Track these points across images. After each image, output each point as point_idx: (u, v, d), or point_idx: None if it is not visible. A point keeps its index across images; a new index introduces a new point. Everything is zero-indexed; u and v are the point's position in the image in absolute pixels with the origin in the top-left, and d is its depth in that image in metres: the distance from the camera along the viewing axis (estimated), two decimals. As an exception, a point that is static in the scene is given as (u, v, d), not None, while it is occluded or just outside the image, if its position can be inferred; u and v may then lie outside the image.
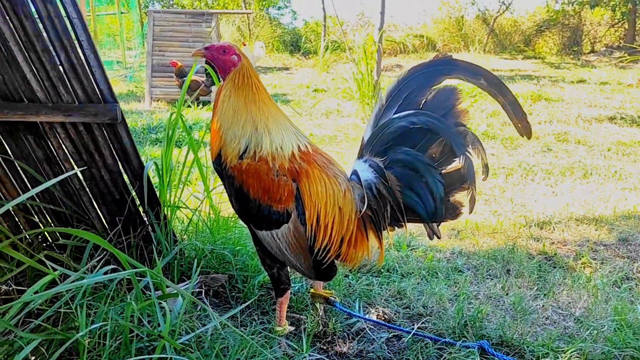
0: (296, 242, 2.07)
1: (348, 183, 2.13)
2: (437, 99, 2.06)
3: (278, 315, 2.25)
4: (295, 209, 2.04)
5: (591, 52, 16.77)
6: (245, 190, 2.03)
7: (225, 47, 2.09)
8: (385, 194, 2.08)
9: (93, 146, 2.48)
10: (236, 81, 2.05)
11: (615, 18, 17.11)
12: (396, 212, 2.11)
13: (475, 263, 3.18)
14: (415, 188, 2.07)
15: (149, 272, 1.78)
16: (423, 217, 2.09)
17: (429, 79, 2.05)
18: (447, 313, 2.49)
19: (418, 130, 2.03)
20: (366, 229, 2.15)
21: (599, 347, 2.16)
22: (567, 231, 3.80)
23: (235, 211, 2.19)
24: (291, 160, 2.06)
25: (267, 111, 2.08)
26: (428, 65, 2.07)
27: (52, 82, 2.29)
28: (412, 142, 2.06)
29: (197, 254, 2.67)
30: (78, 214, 2.66)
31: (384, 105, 2.12)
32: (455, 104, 2.05)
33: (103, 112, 2.34)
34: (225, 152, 2.06)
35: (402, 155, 2.07)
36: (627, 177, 5.37)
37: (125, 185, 2.62)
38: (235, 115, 2.04)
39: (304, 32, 19.66)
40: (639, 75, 12.38)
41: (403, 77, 2.09)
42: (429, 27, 18.48)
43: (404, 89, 2.08)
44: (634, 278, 3.06)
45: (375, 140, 2.11)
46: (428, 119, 2.02)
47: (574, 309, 2.59)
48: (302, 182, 2.05)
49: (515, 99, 2.01)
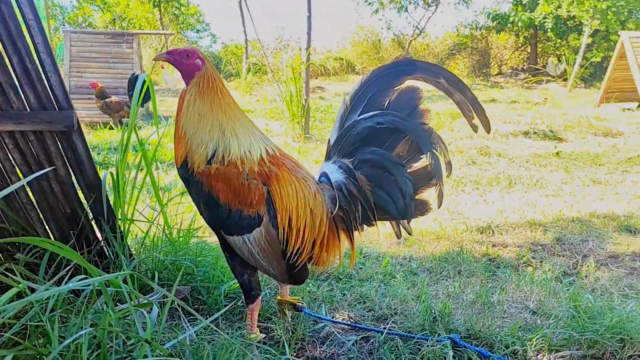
0: (268, 246, 2.05)
1: (317, 185, 2.15)
2: (401, 99, 2.10)
3: (249, 322, 2.20)
4: (266, 212, 2.02)
5: (499, 74, 17.89)
6: (215, 195, 2.00)
7: (188, 51, 2.06)
8: (356, 193, 2.11)
9: (44, 156, 2.35)
10: (201, 85, 2.02)
11: (519, 42, 18.36)
12: (367, 212, 2.14)
13: (428, 266, 3.27)
14: (385, 187, 2.11)
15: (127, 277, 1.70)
16: (394, 214, 2.14)
17: (391, 80, 2.09)
18: (413, 312, 2.54)
19: (384, 129, 2.07)
20: (338, 230, 2.17)
21: (560, 334, 2.29)
22: (505, 234, 4.00)
23: (203, 218, 2.14)
24: (260, 163, 2.05)
25: (233, 115, 2.06)
26: (389, 66, 2.11)
27: (1, 88, 2.16)
28: (379, 142, 2.10)
29: (156, 267, 2.57)
30: (25, 229, 2.50)
31: (349, 108, 2.14)
32: (418, 104, 2.10)
33: (58, 119, 2.23)
34: (192, 157, 2.02)
35: (370, 155, 2.10)
36: (548, 185, 5.74)
37: (77, 199, 2.49)
38: (201, 119, 2.01)
39: (224, 55, 19.60)
40: (543, 94, 13.33)
41: (366, 79, 2.13)
42: (348, 51, 18.99)
43: (367, 91, 2.11)
44: (572, 273, 3.26)
45: (342, 141, 2.13)
46: (394, 119, 2.06)
47: (527, 302, 2.72)
48: (273, 185, 2.04)
49: (475, 96, 2.09)
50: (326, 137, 8.33)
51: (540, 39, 17.57)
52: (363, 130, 2.09)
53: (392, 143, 2.11)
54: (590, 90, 14.41)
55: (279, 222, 2.04)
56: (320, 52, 18.68)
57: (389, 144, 2.11)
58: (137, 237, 2.90)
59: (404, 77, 2.09)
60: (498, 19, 16.81)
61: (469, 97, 2.08)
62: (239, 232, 2.02)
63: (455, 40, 19.04)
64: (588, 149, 7.67)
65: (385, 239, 3.79)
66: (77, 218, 2.52)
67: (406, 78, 2.10)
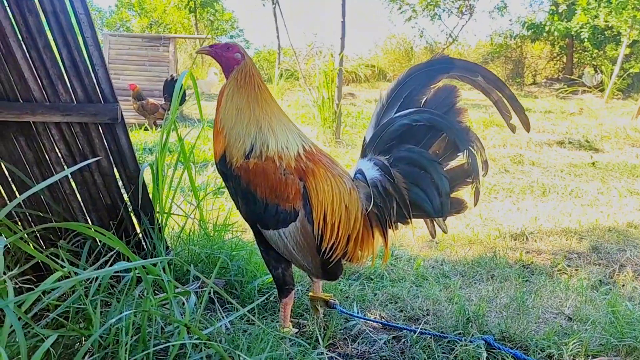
0: (304, 240, 2.07)
1: (352, 182, 2.16)
2: (438, 97, 2.11)
3: (282, 316, 2.22)
4: (302, 207, 2.04)
5: (533, 84, 17.64)
6: (253, 189, 2.03)
7: (229, 45, 2.11)
8: (391, 191, 2.12)
9: (88, 148, 2.41)
10: (239, 80, 2.06)
11: (555, 52, 18.09)
12: (402, 209, 2.14)
13: (461, 269, 3.25)
14: (421, 184, 2.11)
15: (165, 267, 1.74)
16: (430, 212, 2.14)
17: (428, 78, 2.10)
18: (445, 313, 2.53)
19: (421, 127, 2.08)
20: (372, 227, 2.18)
21: (597, 339, 2.25)
22: (539, 242, 3.94)
23: (240, 212, 2.17)
24: (297, 159, 2.07)
25: (270, 111, 2.09)
26: (427, 64, 2.12)
27: (50, 81, 2.24)
28: (415, 140, 2.11)
29: (192, 259, 2.62)
30: (66, 220, 2.57)
31: (385, 105, 2.15)
32: (455, 102, 2.11)
33: (103, 111, 2.29)
34: (230, 152, 2.06)
35: (406, 153, 2.11)
36: (584, 195, 5.64)
37: (118, 190, 2.55)
38: (239, 114, 2.05)
39: (257, 61, 19.79)
40: (579, 104, 13.10)
41: (403, 76, 2.13)
42: (380, 58, 18.98)
43: (404, 89, 2.12)
44: (609, 282, 3.20)
45: (378, 139, 2.15)
46: (431, 116, 2.07)
47: (563, 308, 2.68)
48: (309, 180, 2.06)
49: (513, 94, 2.07)
50: (357, 143, 8.35)
51: (577, 49, 17.28)
52: (399, 128, 2.10)
53: (428, 141, 2.12)
54: (628, 102, 14.08)
55: (315, 218, 2.06)
56: (352, 59, 18.69)
57: (425, 142, 2.12)
58: (173, 230, 2.95)
59: (441, 75, 2.09)
60: (533, 28, 16.58)
61: (507, 94, 2.07)
62: (275, 226, 2.05)
63: (489, 49, 18.87)
64: (625, 160, 7.51)
65: (417, 241, 3.78)
66: (117, 209, 2.58)
67: (443, 76, 2.10)
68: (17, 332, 1.28)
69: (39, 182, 2.50)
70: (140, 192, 2.48)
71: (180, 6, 19.31)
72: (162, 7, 19.76)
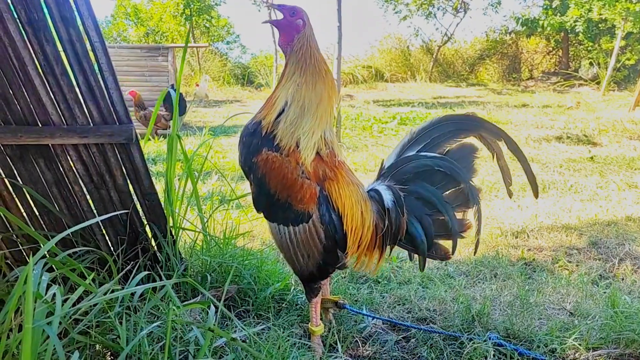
0: (310, 241, 2.11)
1: (365, 193, 2.26)
2: (461, 152, 2.23)
3: (313, 315, 2.29)
4: (317, 210, 2.09)
5: (530, 79, 17.74)
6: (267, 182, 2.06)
7: (295, 9, 2.08)
8: (394, 217, 2.21)
9: (104, 167, 2.52)
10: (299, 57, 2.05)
11: (550, 46, 18.20)
12: (397, 236, 2.24)
13: (465, 269, 3.36)
14: (423, 222, 2.23)
15: (188, 280, 1.85)
16: (418, 248, 2.25)
17: (458, 130, 2.22)
18: (452, 313, 2.64)
19: (440, 173, 2.20)
20: (376, 240, 2.27)
21: (597, 333, 2.36)
22: (540, 239, 4.05)
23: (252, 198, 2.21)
24: (321, 162, 2.11)
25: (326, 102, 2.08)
26: (462, 117, 2.26)
27: (68, 105, 2.34)
28: (431, 181, 2.23)
29: (206, 269, 2.73)
30: (83, 237, 2.68)
31: (413, 139, 2.27)
32: (473, 161, 2.24)
33: (119, 132, 2.40)
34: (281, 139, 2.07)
35: (421, 190, 2.22)
36: (583, 190, 5.75)
37: (133, 206, 2.66)
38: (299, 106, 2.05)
39: (254, 66, 19.90)
40: (576, 98, 13.20)
41: (437, 120, 2.25)
42: (376, 58, 19.07)
43: (434, 131, 2.24)
44: (609, 276, 3.31)
45: (397, 168, 2.25)
46: (452, 167, 2.19)
47: (564, 304, 2.79)
48: (332, 184, 2.12)
49: (529, 167, 2.20)
50: (358, 146, 8.46)
51: (572, 43, 17.40)
52: (421, 166, 2.21)
53: (442, 187, 2.23)
54: (624, 94, 14.19)
55: (345, 221, 2.12)
56: (349, 60, 18.79)
57: (439, 187, 2.23)
58: (185, 243, 3.06)
59: (470, 132, 2.22)
60: (528, 23, 16.70)
61: (524, 165, 2.20)
62: (283, 222, 2.12)
63: (485, 46, 18.98)
64: (623, 153, 7.61)
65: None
66: (133, 224, 2.69)
67: (472, 134, 2.22)
68: (55, 345, 1.39)
69: (57, 201, 2.61)
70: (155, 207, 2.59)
71: (176, 14, 19.42)
72: (158, 15, 19.87)
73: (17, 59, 2.22)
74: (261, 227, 4.00)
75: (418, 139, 2.24)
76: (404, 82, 18.09)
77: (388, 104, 14.24)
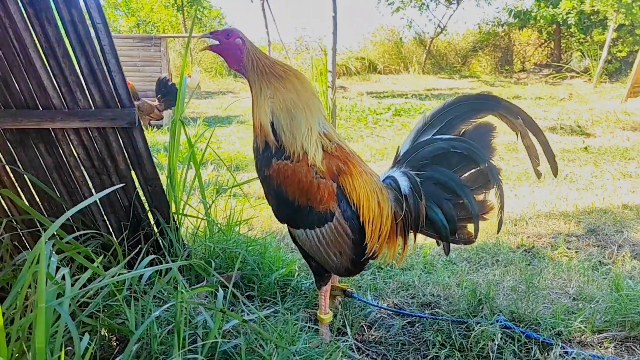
0: (338, 238, 2.09)
1: (381, 182, 2.22)
2: (477, 131, 2.17)
3: (322, 303, 2.27)
4: (337, 207, 2.07)
5: (522, 71, 17.79)
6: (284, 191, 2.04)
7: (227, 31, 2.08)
8: (413, 205, 2.18)
9: (106, 152, 2.49)
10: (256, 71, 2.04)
11: (542, 38, 18.25)
12: (418, 223, 2.21)
13: (466, 256, 3.36)
14: (443, 207, 2.18)
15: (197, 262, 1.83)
16: (441, 234, 2.21)
17: (473, 111, 2.16)
18: (457, 297, 2.64)
19: (457, 154, 2.14)
20: (397, 227, 2.25)
21: (602, 316, 2.37)
22: (539, 226, 4.06)
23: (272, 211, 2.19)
24: (330, 157, 2.08)
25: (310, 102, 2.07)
26: (475, 97, 2.19)
27: (69, 88, 2.31)
28: (448, 165, 2.17)
29: (209, 255, 2.70)
30: (84, 224, 2.65)
31: (427, 124, 2.22)
32: (491, 140, 2.18)
33: (121, 116, 2.37)
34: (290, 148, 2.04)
35: (438, 175, 2.17)
36: (578, 179, 5.78)
37: (135, 191, 2.63)
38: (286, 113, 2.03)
39: (247, 57, 19.74)
40: (568, 90, 13.26)
41: (450, 101, 2.19)
42: (370, 50, 19.04)
43: (449, 113, 2.18)
44: (608, 263, 3.32)
45: (413, 154, 2.21)
46: (469, 147, 2.13)
47: (567, 288, 2.80)
48: (345, 179, 2.09)
49: (546, 140, 2.12)
50: (353, 137, 8.44)
51: (564, 35, 17.45)
52: (436, 150, 2.16)
53: (460, 169, 2.18)
54: (616, 85, 14.26)
55: (360, 214, 2.09)
56: (342, 52, 18.74)
57: (456, 169, 2.18)
58: (187, 229, 3.03)
59: (487, 111, 2.15)
60: (520, 15, 16.73)
61: (541, 139, 2.13)
62: (309, 226, 2.08)
63: (478, 37, 18.99)
64: (616, 143, 7.65)
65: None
66: (135, 210, 2.66)
67: (488, 113, 2.16)
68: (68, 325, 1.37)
69: (58, 186, 2.58)
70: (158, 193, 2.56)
71: (167, 4, 19.26)
72: (149, 5, 19.70)
73: (17, 40, 2.18)
74: (260, 217, 3.98)
75: (432, 123, 2.19)
76: (397, 73, 18.07)
77: (382, 95, 14.23)
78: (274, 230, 3.67)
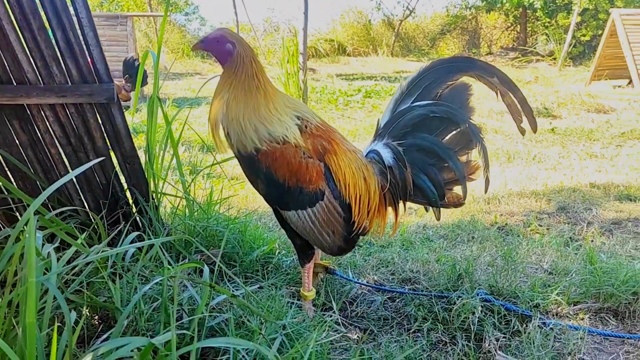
0: (330, 217, 2.10)
1: (365, 158, 2.23)
2: (453, 93, 2.17)
3: (306, 281, 2.28)
4: (327, 186, 2.07)
5: (489, 54, 18.02)
6: (273, 173, 2.01)
7: (218, 37, 2.04)
8: (399, 175, 2.19)
9: (83, 129, 2.43)
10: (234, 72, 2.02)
11: (509, 22, 18.49)
12: (406, 193, 2.22)
13: (443, 233, 3.42)
14: (429, 173, 2.20)
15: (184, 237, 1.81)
16: (430, 200, 2.22)
17: (449, 73, 2.15)
18: (436, 273, 2.68)
19: (437, 119, 2.15)
20: (385, 200, 2.26)
21: (577, 289, 2.45)
22: (511, 204, 4.15)
23: (260, 194, 2.17)
24: (311, 136, 2.07)
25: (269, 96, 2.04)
26: (449, 60, 2.19)
27: (45, 62, 2.24)
28: (429, 130, 2.18)
29: (190, 233, 2.68)
30: (60, 202, 2.59)
31: (404, 93, 2.22)
32: (468, 100, 2.18)
33: (99, 91, 2.31)
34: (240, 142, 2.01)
35: (420, 141, 2.18)
36: (546, 160, 5.92)
37: (113, 169, 2.58)
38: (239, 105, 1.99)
39: (214, 38, 19.47)
40: (534, 73, 13.50)
41: (425, 68, 2.19)
42: (339, 32, 18.98)
43: (425, 80, 2.17)
44: (578, 239, 3.42)
45: (393, 125, 2.21)
46: (448, 109, 2.13)
47: (542, 263, 2.88)
48: (330, 158, 2.08)
49: (524, 97, 2.13)
50: (325, 118, 8.43)
51: (530, 18, 17.71)
52: (416, 117, 2.17)
53: (441, 132, 2.19)
54: (580, 69, 14.60)
55: (344, 193, 2.10)
56: (311, 34, 18.61)
57: (438, 133, 2.19)
58: (166, 208, 3.00)
59: (461, 72, 2.15)
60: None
61: (519, 97, 2.13)
62: (301, 206, 2.07)
63: (445, 20, 19.12)
64: (582, 125, 7.85)
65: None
66: (113, 188, 2.61)
67: (463, 74, 2.16)
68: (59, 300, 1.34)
69: (33, 164, 2.51)
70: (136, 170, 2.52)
71: (132, -18, 18.81)
72: (113, -16, 19.20)
73: (-10, 12, 2.10)
74: (237, 197, 3.97)
75: (410, 91, 2.20)
76: (366, 56, 18.08)
77: (351, 77, 14.24)
78: (251, 209, 3.66)
